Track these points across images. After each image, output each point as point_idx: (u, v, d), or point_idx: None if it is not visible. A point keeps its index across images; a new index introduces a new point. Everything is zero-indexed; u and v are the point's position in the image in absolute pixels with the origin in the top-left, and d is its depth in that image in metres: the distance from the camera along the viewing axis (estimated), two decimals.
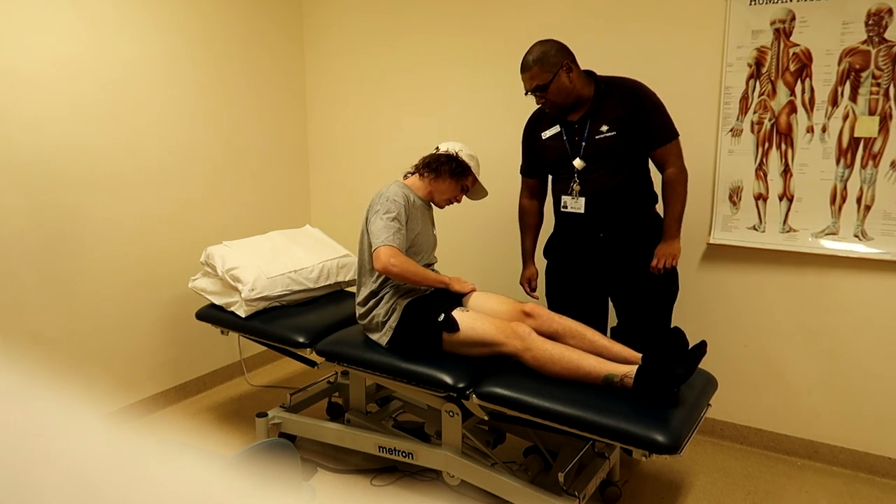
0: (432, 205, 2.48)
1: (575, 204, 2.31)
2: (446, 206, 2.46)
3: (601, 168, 2.25)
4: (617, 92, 2.23)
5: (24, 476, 0.30)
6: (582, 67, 2.29)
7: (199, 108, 3.10)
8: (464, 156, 2.37)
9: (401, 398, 2.75)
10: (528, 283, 2.59)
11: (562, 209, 2.36)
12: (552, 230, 2.50)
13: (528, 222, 2.58)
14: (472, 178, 2.40)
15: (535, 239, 2.59)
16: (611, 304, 2.45)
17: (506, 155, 3.12)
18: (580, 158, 2.27)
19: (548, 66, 2.20)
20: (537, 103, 2.31)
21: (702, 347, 1.94)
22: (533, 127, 2.44)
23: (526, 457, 2.33)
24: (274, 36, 3.46)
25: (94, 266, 2.74)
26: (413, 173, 2.43)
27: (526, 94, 2.29)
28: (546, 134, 2.37)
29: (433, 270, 2.44)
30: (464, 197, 2.47)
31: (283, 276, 2.68)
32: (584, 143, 2.27)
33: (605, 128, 2.23)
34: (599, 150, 2.24)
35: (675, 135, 2.25)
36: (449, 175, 2.35)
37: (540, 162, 2.44)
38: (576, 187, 2.30)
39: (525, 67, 2.25)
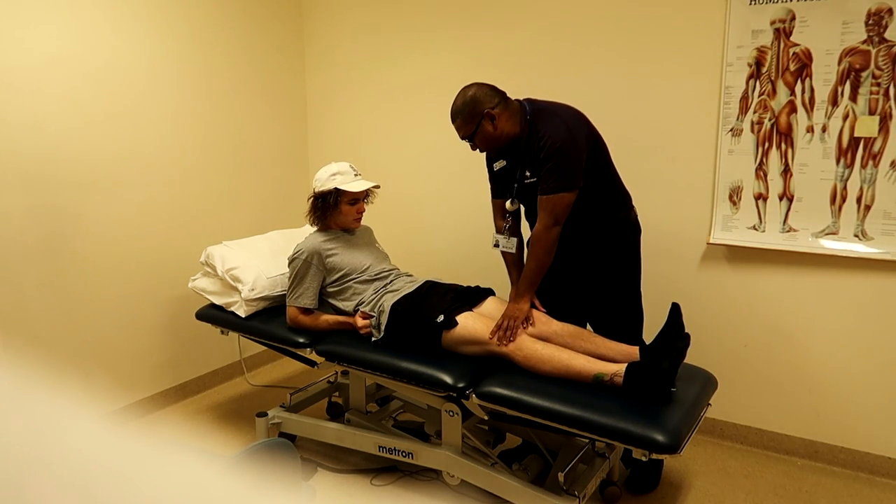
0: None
1: (507, 244, 2.30)
2: (360, 215, 2.49)
3: (536, 211, 2.17)
4: (535, 133, 2.14)
5: (24, 476, 0.30)
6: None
7: (199, 108, 3.10)
8: (322, 184, 2.43)
9: (401, 398, 2.75)
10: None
11: (493, 246, 2.34)
12: None
13: (508, 259, 2.38)
14: (347, 194, 2.42)
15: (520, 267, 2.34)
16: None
17: None
18: (512, 200, 2.27)
19: (469, 118, 2.15)
20: (472, 149, 2.26)
21: (685, 340, 1.94)
22: (490, 155, 2.34)
23: (522, 459, 2.31)
24: (274, 35, 3.46)
25: (94, 266, 2.74)
26: (314, 223, 2.52)
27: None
28: (496, 166, 2.31)
29: (386, 272, 2.47)
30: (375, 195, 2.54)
31: (283, 275, 2.68)
32: (515, 185, 2.24)
33: (528, 173, 2.17)
34: (528, 194, 2.19)
35: (551, 189, 2.09)
36: (331, 209, 2.44)
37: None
38: (506, 227, 2.30)
39: (452, 117, 2.20)
